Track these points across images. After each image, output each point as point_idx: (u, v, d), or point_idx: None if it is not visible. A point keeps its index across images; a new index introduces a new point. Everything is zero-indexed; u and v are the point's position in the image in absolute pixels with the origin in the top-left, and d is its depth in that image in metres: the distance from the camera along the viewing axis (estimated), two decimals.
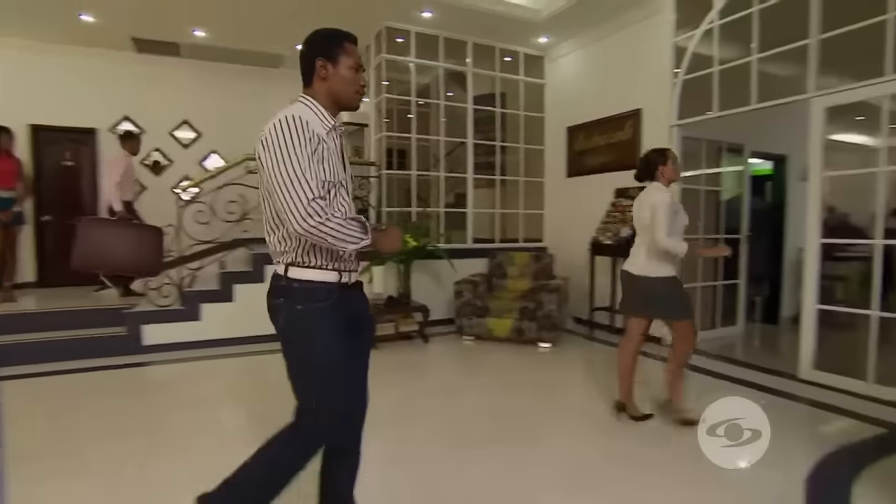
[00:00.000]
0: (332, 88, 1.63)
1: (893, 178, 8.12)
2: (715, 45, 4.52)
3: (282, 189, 1.44)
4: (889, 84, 3.49)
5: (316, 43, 1.64)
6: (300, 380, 1.61)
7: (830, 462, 2.59)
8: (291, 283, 1.57)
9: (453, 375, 4.23)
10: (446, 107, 5.99)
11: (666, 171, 3.04)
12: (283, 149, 1.45)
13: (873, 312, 3.65)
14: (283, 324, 1.59)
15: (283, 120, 1.49)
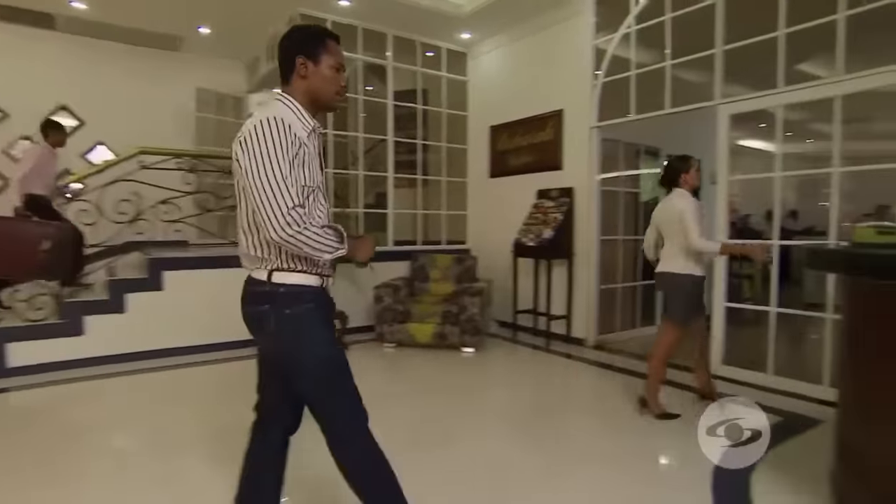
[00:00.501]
0: (312, 87, 1.60)
1: (790, 182, 8.87)
2: (632, 49, 4.67)
3: (261, 195, 1.42)
4: (782, 95, 3.76)
5: (297, 39, 1.61)
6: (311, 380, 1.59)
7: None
8: (277, 289, 1.55)
9: (374, 384, 3.98)
10: (365, 102, 5.80)
11: (688, 177, 3.23)
12: (264, 153, 1.43)
13: (772, 309, 3.90)
14: (273, 329, 1.57)
15: (265, 121, 1.45)
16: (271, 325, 1.56)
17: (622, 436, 3.01)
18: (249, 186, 1.44)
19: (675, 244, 3.18)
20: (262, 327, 1.58)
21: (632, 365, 4.49)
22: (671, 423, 3.20)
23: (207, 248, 5.38)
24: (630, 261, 5.56)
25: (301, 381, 1.61)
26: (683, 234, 3.08)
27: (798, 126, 7.71)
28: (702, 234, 3.04)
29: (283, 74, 1.63)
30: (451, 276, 5.52)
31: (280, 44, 1.63)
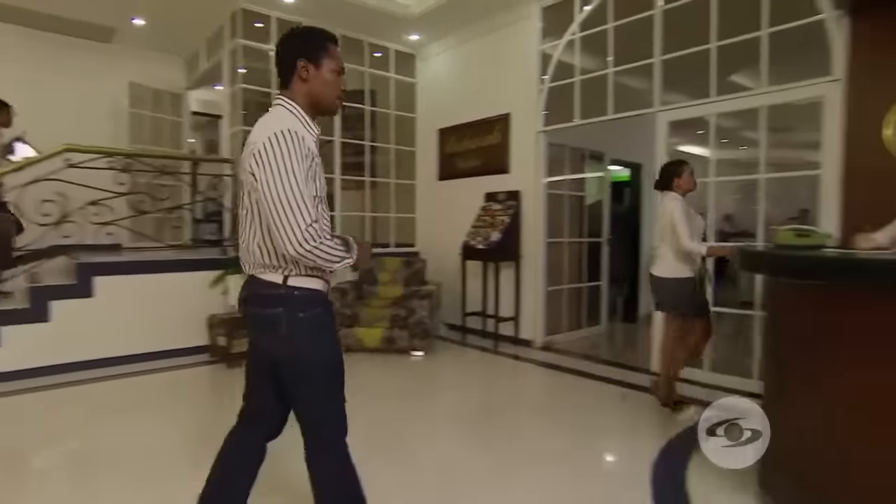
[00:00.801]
0: (313, 91, 1.61)
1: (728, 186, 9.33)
2: (577, 55, 4.84)
3: (279, 212, 1.44)
4: (714, 104, 4.00)
5: (297, 42, 1.63)
6: (313, 383, 1.63)
7: (672, 446, 2.88)
8: (292, 292, 1.57)
9: None
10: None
11: (681, 181, 3.37)
12: (281, 168, 1.45)
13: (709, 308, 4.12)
14: (285, 332, 1.58)
15: (280, 135, 1.46)
16: (283, 327, 1.57)
17: (570, 435, 3.10)
18: (267, 201, 1.46)
19: (666, 245, 3.34)
20: (275, 330, 1.59)
21: (578, 365, 4.64)
22: (616, 421, 3.33)
23: (143, 251, 5.17)
24: (575, 262, 5.74)
25: (303, 384, 1.63)
26: (673, 236, 3.25)
27: (732, 133, 8.17)
28: (691, 235, 3.21)
29: (282, 77, 1.64)
30: (400, 279, 5.53)
31: (280, 46, 1.65)
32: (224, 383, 4.12)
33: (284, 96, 1.62)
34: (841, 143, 3.37)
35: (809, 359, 2.03)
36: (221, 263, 4.85)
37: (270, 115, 1.59)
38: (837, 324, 1.89)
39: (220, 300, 4.82)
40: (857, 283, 1.83)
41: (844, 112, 3.35)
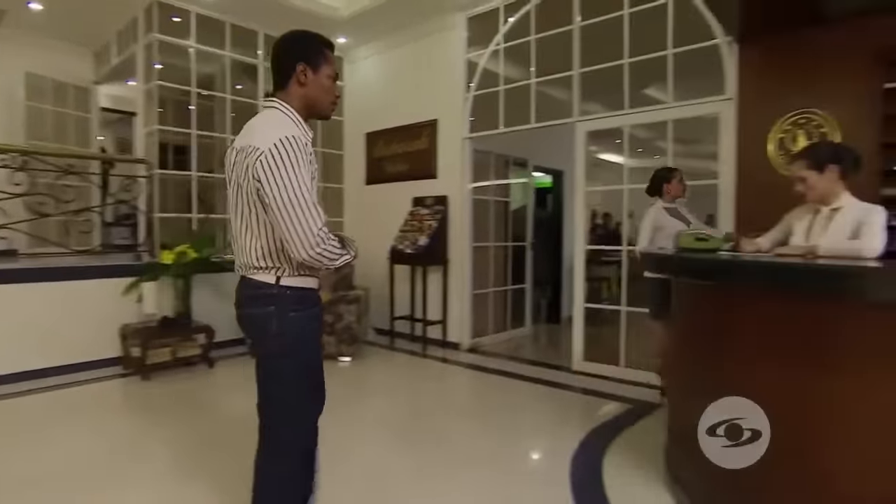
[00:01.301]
0: (310, 95, 1.66)
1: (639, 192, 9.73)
2: (501, 65, 5.07)
3: (292, 217, 1.48)
4: (627, 116, 4.34)
5: (298, 46, 1.67)
6: (296, 381, 1.67)
7: (590, 441, 3.11)
8: (284, 291, 1.62)
9: (243, 402, 3.91)
10: (234, 101, 5.62)
11: (670, 187, 3.62)
12: (290, 174, 1.48)
13: (623, 308, 4.46)
14: (276, 330, 1.62)
15: (287, 142, 1.50)
16: (274, 326, 1.62)
17: (497, 435, 3.24)
18: (277, 208, 1.49)
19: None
20: (266, 329, 1.63)
21: (504, 366, 4.84)
22: (540, 420, 3.53)
23: (44, 258, 4.85)
24: (501, 266, 5.98)
25: (276, 382, 1.67)
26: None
27: (647, 143, 8.80)
28: (650, 240, 3.54)
29: (278, 79, 1.66)
30: (328, 284, 5.52)
31: (278, 48, 1.68)
32: (138, 397, 3.96)
33: (279, 98, 1.65)
34: (734, 157, 3.77)
35: (705, 352, 2.29)
36: (135, 269, 4.65)
37: (267, 119, 1.61)
38: (726, 319, 2.15)
39: (135, 308, 4.63)
40: (738, 283, 2.09)
41: (736, 129, 3.75)
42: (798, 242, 2.41)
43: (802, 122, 3.45)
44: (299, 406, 1.71)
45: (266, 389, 1.69)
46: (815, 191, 2.35)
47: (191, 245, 4.70)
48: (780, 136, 3.53)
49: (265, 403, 1.71)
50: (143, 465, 2.81)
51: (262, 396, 1.70)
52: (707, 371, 2.27)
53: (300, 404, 1.71)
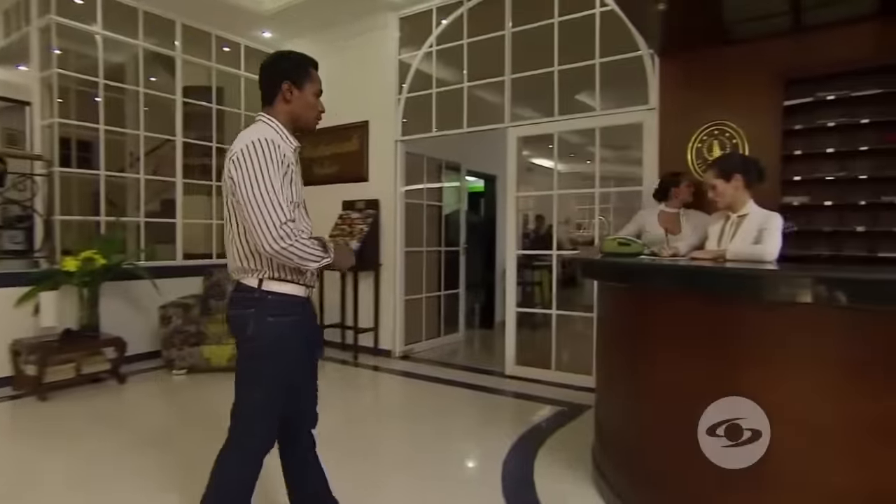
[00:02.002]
0: (295, 111, 1.84)
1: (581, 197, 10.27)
2: (434, 67, 5.19)
3: (255, 210, 1.61)
4: (557, 123, 4.59)
5: (283, 66, 1.84)
6: (258, 386, 1.77)
7: (521, 442, 3.26)
8: (266, 295, 1.74)
9: (158, 422, 3.78)
10: (148, 95, 5.41)
11: (679, 192, 3.65)
12: (257, 171, 1.63)
13: (553, 311, 4.68)
14: (251, 333, 1.74)
15: (256, 143, 1.66)
16: (251, 329, 1.74)
17: (429, 442, 3.33)
18: (243, 202, 1.64)
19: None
20: (244, 331, 1.75)
21: (437, 372, 4.94)
22: (472, 424, 3.65)
23: None
24: (434, 271, 6.09)
25: (248, 384, 1.78)
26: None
27: (580, 149, 9.23)
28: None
29: (266, 96, 1.85)
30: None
31: (266, 68, 1.86)
32: (31, 419, 3.72)
33: (266, 113, 1.84)
34: (657, 164, 4.07)
35: (622, 351, 2.48)
36: (31, 278, 4.38)
37: (250, 128, 1.79)
38: (640, 319, 2.35)
39: (30, 322, 4.36)
40: (651, 285, 2.28)
41: (658, 137, 4.06)
42: (711, 246, 2.69)
43: (717, 133, 3.79)
44: (264, 410, 1.80)
45: (236, 389, 1.80)
46: (723, 198, 2.62)
47: (98, 250, 4.49)
48: (698, 145, 3.86)
49: (235, 402, 1.82)
50: (33, 494, 2.66)
51: (236, 392, 1.81)
52: (625, 368, 2.46)
53: (265, 409, 1.80)
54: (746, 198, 2.62)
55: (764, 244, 2.44)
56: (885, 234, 3.32)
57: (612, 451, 2.57)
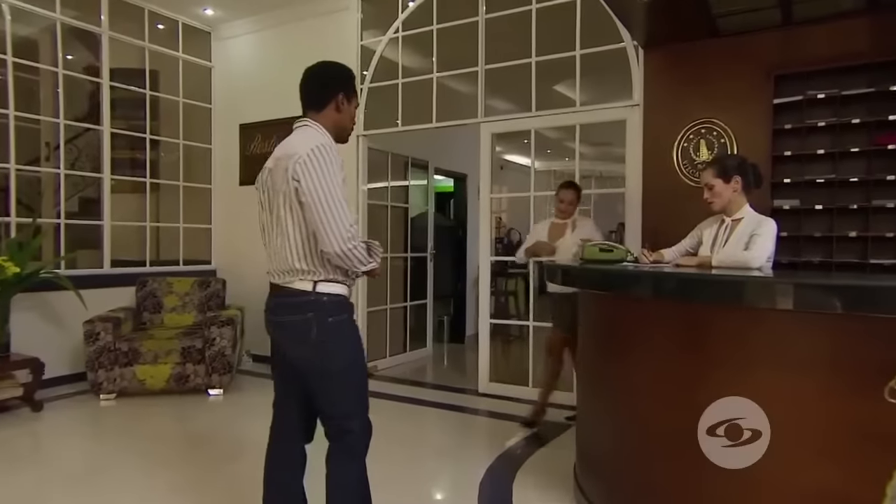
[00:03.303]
0: (340, 122, 2.12)
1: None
2: (400, 54, 5.32)
3: (327, 212, 1.88)
4: (534, 119, 4.79)
5: (342, 78, 2.15)
6: (346, 385, 2.03)
7: (498, 463, 3.41)
8: (321, 297, 1.98)
9: (80, 456, 3.73)
10: (68, 77, 5.34)
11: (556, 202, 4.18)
12: (327, 175, 1.90)
13: (531, 323, 4.86)
14: (316, 336, 1.96)
15: (322, 147, 1.92)
16: (314, 333, 1.96)
17: (400, 466, 3.42)
18: (315, 204, 1.89)
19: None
20: (305, 335, 1.97)
21: (404, 391, 5.05)
22: (445, 445, 3.79)
23: None
24: (399, 279, 6.20)
25: (332, 387, 2.01)
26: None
27: (557, 144, 9.52)
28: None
29: (313, 101, 2.09)
30: (193, 304, 5.43)
31: (320, 74, 2.13)
32: None
33: (312, 119, 2.08)
34: (640, 164, 4.30)
35: (610, 364, 2.65)
36: None
37: (303, 134, 2.01)
38: (625, 330, 2.53)
39: None
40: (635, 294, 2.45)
41: (642, 135, 4.29)
42: (705, 252, 2.90)
43: (704, 132, 4.05)
44: (359, 405, 2.08)
45: (323, 396, 2.03)
46: (721, 199, 2.82)
47: (9, 257, 4.43)
48: (684, 144, 4.11)
49: (324, 408, 2.05)
50: None
51: (320, 403, 2.04)
52: (607, 379, 2.63)
53: (360, 403, 2.08)
54: (743, 201, 2.83)
55: (751, 250, 2.65)
56: (877, 240, 3.61)
57: (596, 471, 2.74)
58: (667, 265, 2.93)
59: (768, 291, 1.98)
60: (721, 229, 2.86)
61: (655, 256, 3.04)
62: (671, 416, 2.21)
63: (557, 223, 4.14)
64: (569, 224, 4.08)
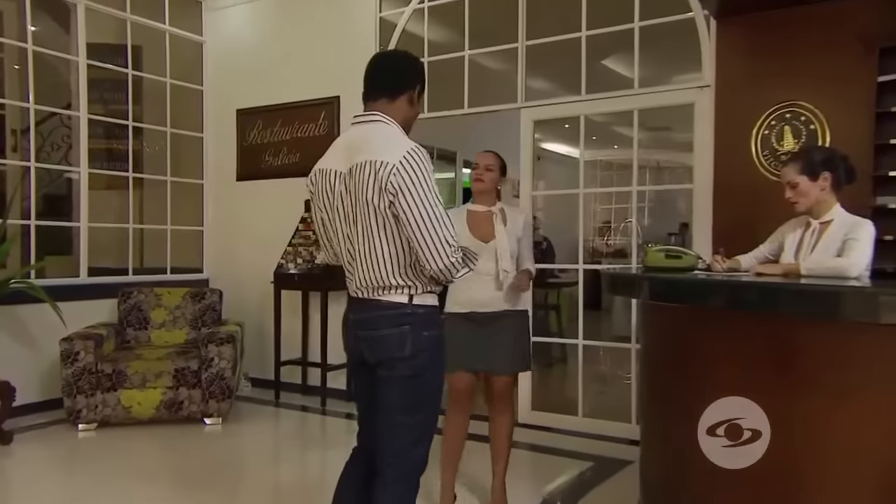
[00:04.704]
0: (409, 117, 2.25)
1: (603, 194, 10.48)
2: (425, 29, 5.39)
3: (430, 231, 2.00)
4: (583, 104, 4.84)
5: (421, 70, 2.31)
6: (427, 407, 2.20)
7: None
8: (417, 310, 2.13)
9: (55, 496, 3.80)
10: (38, 54, 5.41)
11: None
12: (426, 186, 2.01)
13: (580, 342, 4.92)
14: (409, 351, 2.10)
15: (415, 153, 2.01)
16: (409, 348, 2.10)
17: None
18: (416, 222, 2.00)
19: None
20: (401, 350, 2.11)
21: None
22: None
23: None
24: None
25: (408, 407, 2.14)
26: None
27: (603, 129, 9.53)
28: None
29: (390, 87, 2.19)
30: (185, 319, 5.54)
31: (399, 60, 2.34)
32: None
33: (381, 111, 2.16)
34: (711, 156, 4.34)
35: (683, 390, 2.70)
36: None
37: (380, 132, 2.12)
38: (699, 346, 2.57)
39: None
40: (712, 307, 2.50)
41: (714, 122, 4.33)
42: (787, 259, 2.91)
43: (789, 117, 4.06)
44: (429, 425, 2.24)
45: (393, 415, 2.15)
46: (807, 199, 2.83)
47: None
48: (765, 131, 4.14)
49: (392, 430, 2.17)
50: None
51: (388, 424, 2.17)
52: (678, 413, 2.68)
53: (428, 431, 2.23)
54: (833, 201, 2.84)
55: (848, 257, 2.65)
56: None
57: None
58: (745, 274, 2.96)
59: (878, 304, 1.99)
60: (807, 234, 2.88)
61: (731, 263, 3.06)
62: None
63: (478, 212, 3.44)
64: (496, 214, 3.39)
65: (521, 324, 3.47)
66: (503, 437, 3.50)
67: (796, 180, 2.83)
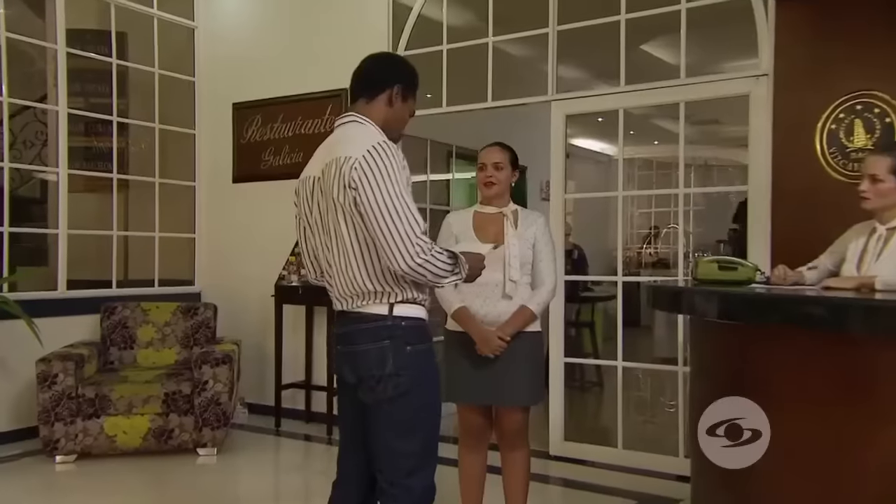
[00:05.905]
0: (389, 119, 2.32)
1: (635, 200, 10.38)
2: (444, 13, 5.40)
3: (388, 223, 2.04)
4: (623, 96, 4.83)
5: (402, 70, 2.41)
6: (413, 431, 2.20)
7: None
8: (399, 322, 2.17)
9: None
10: (11, 41, 5.44)
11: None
12: (387, 179, 2.06)
13: (619, 363, 4.89)
14: (391, 369, 2.14)
15: (380, 147, 2.10)
16: (390, 365, 2.14)
17: None
18: (374, 214, 2.05)
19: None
20: (381, 367, 2.14)
21: (453, 452, 5.08)
22: None
23: None
24: None
25: (399, 432, 2.18)
26: None
27: (641, 123, 9.49)
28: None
29: (366, 89, 2.32)
30: (176, 337, 5.57)
31: (380, 61, 2.47)
32: None
33: (360, 112, 2.29)
34: (769, 155, 4.33)
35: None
36: None
37: (352, 131, 2.23)
38: (771, 369, 2.57)
39: None
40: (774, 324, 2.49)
41: (772, 115, 4.31)
42: (849, 271, 2.88)
43: (860, 109, 4.01)
44: (427, 457, 2.26)
45: (385, 441, 2.20)
46: (883, 199, 2.80)
47: None
48: (832, 125, 4.11)
49: (386, 457, 2.21)
50: None
51: (381, 450, 2.21)
52: None
53: (428, 455, 2.27)
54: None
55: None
56: None
57: None
58: (810, 288, 2.93)
59: None
60: (871, 240, 2.86)
61: (795, 276, 3.03)
62: (826, 480, 2.25)
63: (486, 213, 3.31)
64: (507, 216, 3.24)
65: (534, 348, 3.30)
66: (519, 477, 3.42)
67: (882, 176, 2.78)
